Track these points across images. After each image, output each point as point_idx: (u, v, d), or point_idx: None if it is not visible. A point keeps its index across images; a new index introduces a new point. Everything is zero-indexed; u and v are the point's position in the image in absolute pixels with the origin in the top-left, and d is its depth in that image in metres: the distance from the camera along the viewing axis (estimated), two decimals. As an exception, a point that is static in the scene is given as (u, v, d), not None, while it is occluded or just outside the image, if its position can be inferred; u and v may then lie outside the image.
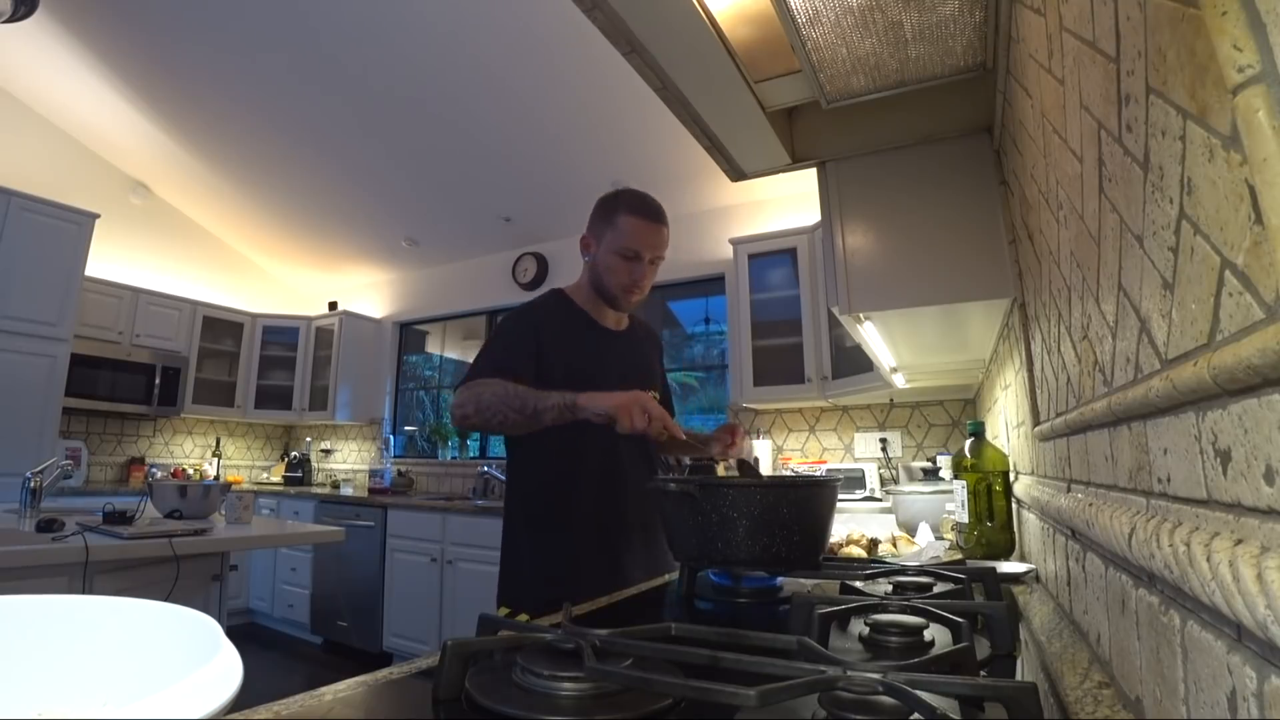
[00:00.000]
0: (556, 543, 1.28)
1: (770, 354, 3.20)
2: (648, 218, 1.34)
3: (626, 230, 1.32)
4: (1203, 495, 0.36)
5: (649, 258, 1.34)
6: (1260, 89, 0.26)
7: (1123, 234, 0.48)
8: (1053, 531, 0.89)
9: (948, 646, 0.62)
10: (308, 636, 4.19)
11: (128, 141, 4.31)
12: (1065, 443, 0.79)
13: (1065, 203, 0.69)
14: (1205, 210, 0.33)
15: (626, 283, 1.35)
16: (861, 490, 3.04)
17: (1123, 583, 0.53)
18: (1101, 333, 0.58)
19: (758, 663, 0.53)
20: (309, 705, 0.55)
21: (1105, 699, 0.55)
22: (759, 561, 0.94)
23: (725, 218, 3.82)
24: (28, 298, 3.64)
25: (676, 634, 0.64)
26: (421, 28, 2.92)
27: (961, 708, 0.50)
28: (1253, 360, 0.27)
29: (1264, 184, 0.26)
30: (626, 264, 1.33)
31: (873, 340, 1.73)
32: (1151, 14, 0.38)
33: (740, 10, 1.05)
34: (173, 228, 4.97)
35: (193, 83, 3.60)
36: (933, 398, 3.06)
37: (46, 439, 3.65)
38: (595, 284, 1.39)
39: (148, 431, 4.77)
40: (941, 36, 1.09)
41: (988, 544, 1.32)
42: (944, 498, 1.76)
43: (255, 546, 3.57)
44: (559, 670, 0.54)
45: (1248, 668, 0.30)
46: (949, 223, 1.30)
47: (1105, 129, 0.51)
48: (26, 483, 2.17)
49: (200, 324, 4.75)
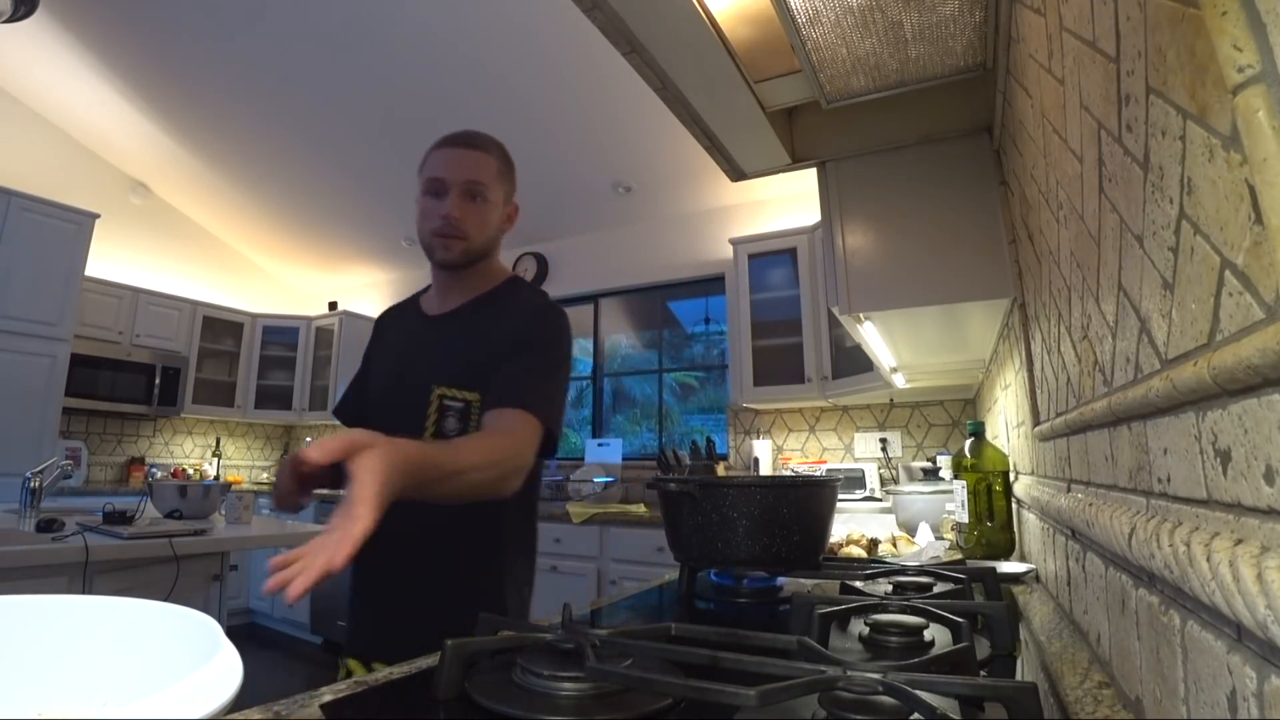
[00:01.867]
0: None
1: (770, 354, 3.20)
2: (454, 144, 1.09)
3: (430, 163, 1.08)
4: (1203, 495, 0.36)
5: (459, 187, 1.05)
6: (1260, 89, 0.26)
7: (1123, 234, 0.48)
8: (1053, 531, 0.89)
9: (948, 646, 0.62)
10: (308, 636, 4.19)
11: (128, 141, 4.31)
12: (1065, 443, 0.79)
13: (1065, 203, 0.69)
14: (1205, 210, 0.33)
15: (436, 225, 1.06)
16: (861, 490, 3.04)
17: (1123, 583, 0.53)
18: (1101, 333, 0.58)
19: (758, 663, 0.53)
20: (309, 705, 0.55)
21: (1105, 699, 0.55)
22: (759, 561, 0.94)
23: (725, 218, 3.82)
24: (28, 298, 3.64)
25: (676, 634, 0.64)
26: (421, 28, 2.92)
27: (961, 708, 0.50)
28: (1253, 360, 0.27)
29: (1264, 184, 0.26)
30: (434, 202, 1.07)
31: (873, 340, 1.73)
32: (1151, 14, 0.38)
33: (740, 10, 1.05)
34: (173, 227, 4.97)
35: (193, 82, 3.60)
36: (933, 398, 3.06)
37: (46, 439, 3.65)
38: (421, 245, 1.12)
39: (148, 431, 4.77)
40: (941, 36, 1.09)
41: (988, 544, 1.32)
42: (944, 498, 1.76)
43: (255, 546, 3.55)
44: (559, 670, 0.54)
45: (1248, 668, 0.30)
46: (949, 223, 1.30)
47: (1105, 129, 0.50)
48: (26, 483, 2.17)
49: (200, 324, 4.75)
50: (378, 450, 0.64)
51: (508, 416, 0.93)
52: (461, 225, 1.05)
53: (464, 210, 1.05)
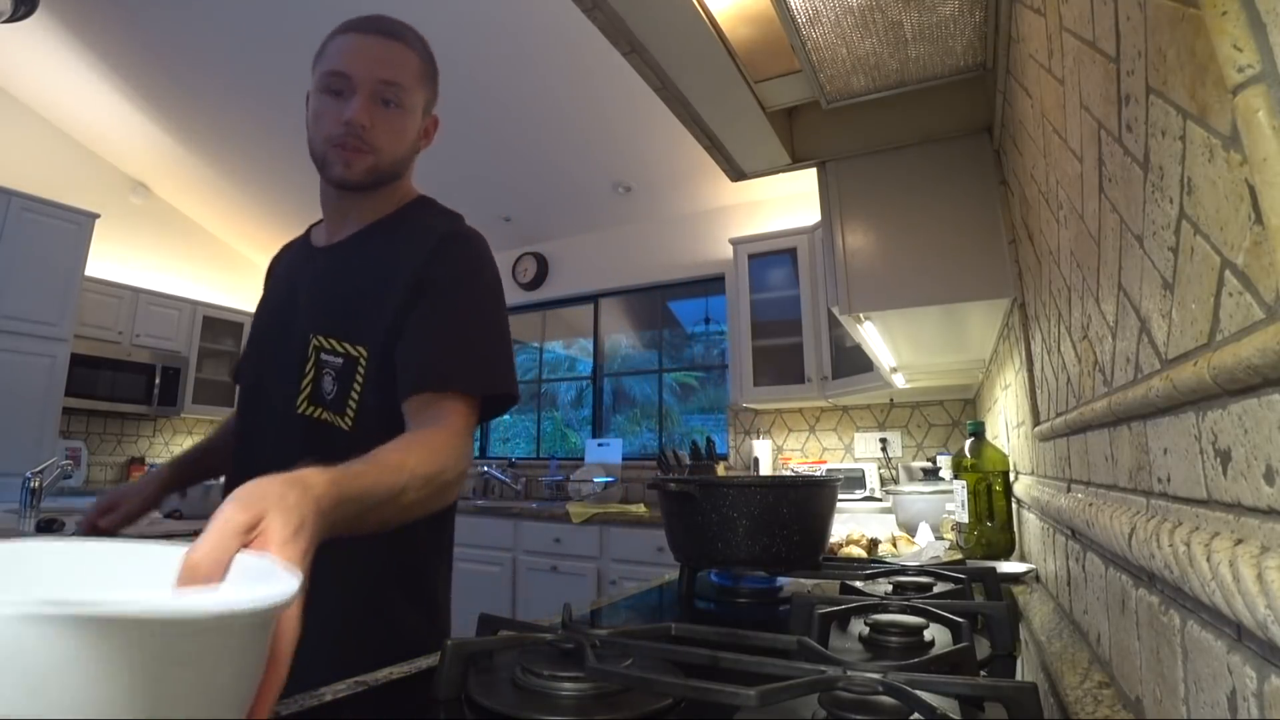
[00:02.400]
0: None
1: (770, 354, 3.20)
2: (365, 30, 0.86)
3: (330, 52, 0.85)
4: (1203, 495, 0.36)
5: (369, 87, 0.83)
6: (1260, 89, 0.26)
7: (1123, 234, 0.48)
8: (1053, 531, 0.89)
9: (948, 646, 0.62)
10: (308, 636, 4.19)
11: (128, 141, 4.31)
12: (1065, 443, 0.79)
13: (1065, 203, 0.69)
14: (1205, 210, 0.33)
15: (335, 132, 0.83)
16: (861, 490, 3.04)
17: (1123, 583, 0.53)
18: (1101, 333, 0.58)
19: (758, 663, 0.53)
20: (309, 705, 0.55)
21: (1105, 699, 0.55)
22: (759, 561, 0.94)
23: (725, 218, 3.82)
24: (28, 298, 3.64)
25: (676, 634, 0.64)
26: (420, 27, 2.92)
27: (961, 708, 0.50)
28: (1253, 360, 0.27)
29: (1264, 184, 0.26)
30: (334, 102, 0.83)
31: (873, 340, 1.73)
32: (1151, 14, 0.38)
33: (740, 10, 1.05)
34: (172, 227, 4.97)
35: (193, 82, 3.60)
36: (933, 398, 3.06)
37: (46, 439, 3.65)
38: (312, 157, 0.89)
39: (147, 431, 4.77)
40: (941, 36, 1.09)
41: (988, 544, 1.32)
42: (944, 498, 1.76)
43: (255, 546, 3.57)
44: (559, 670, 0.54)
45: (1248, 668, 0.30)
46: (949, 223, 1.30)
47: (1105, 129, 0.50)
48: (26, 483, 2.17)
49: (200, 324, 4.75)
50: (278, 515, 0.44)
51: (434, 407, 0.75)
52: (370, 135, 0.83)
53: (374, 117, 0.83)
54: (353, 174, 0.84)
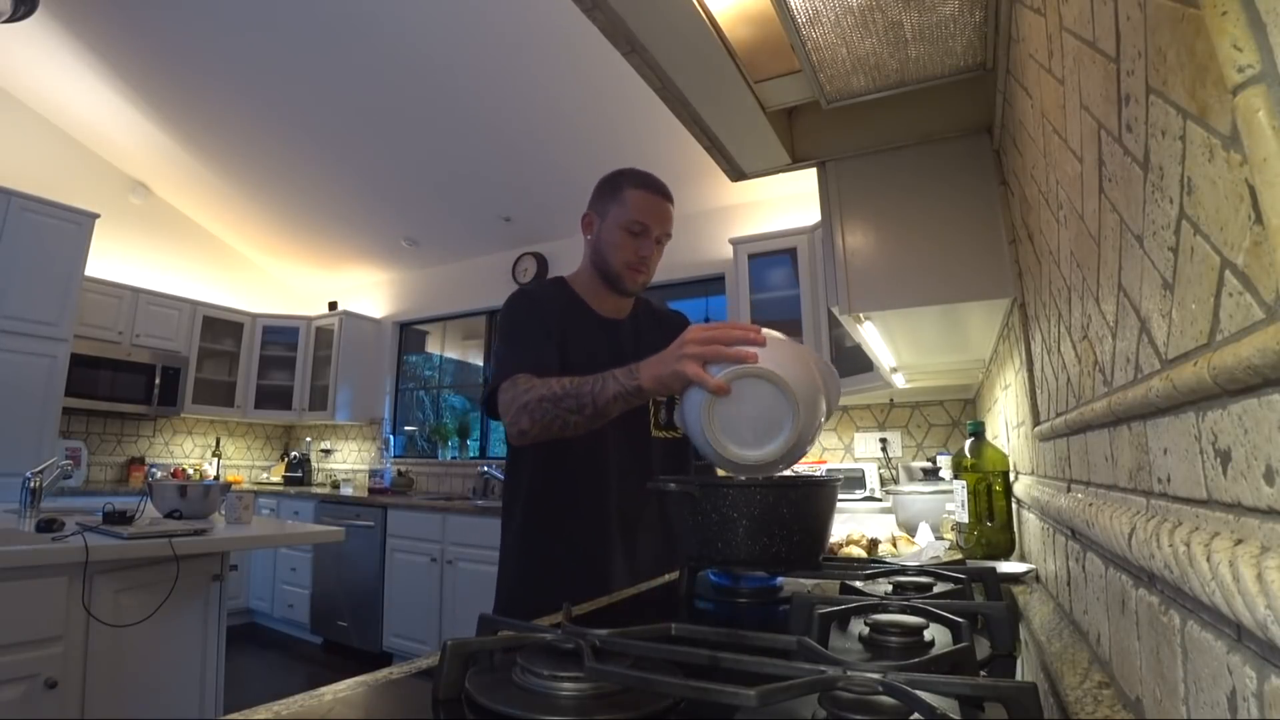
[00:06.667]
0: (538, 547, 1.25)
1: (770, 354, 3.20)
2: (656, 192, 1.28)
3: (633, 203, 1.26)
4: (1203, 495, 0.36)
5: (656, 234, 1.28)
6: (1260, 89, 0.26)
7: (1123, 234, 0.48)
8: (1053, 531, 0.89)
9: (948, 646, 0.62)
10: (308, 636, 4.19)
11: (128, 141, 4.31)
12: (1065, 443, 0.79)
13: (1065, 203, 0.69)
14: (1205, 210, 0.33)
15: (633, 259, 1.27)
16: (861, 490, 3.04)
17: (1123, 583, 0.53)
18: (1101, 333, 0.58)
19: (758, 663, 0.52)
20: (309, 705, 0.55)
21: (1105, 699, 0.55)
22: (759, 561, 0.94)
23: (725, 218, 3.82)
24: (28, 298, 3.64)
25: (676, 634, 0.64)
26: (421, 28, 2.92)
27: (961, 708, 0.50)
28: (1253, 360, 0.27)
29: (1264, 184, 0.26)
30: (633, 240, 1.26)
31: (873, 340, 1.73)
32: (1151, 14, 0.38)
33: (740, 10, 1.05)
34: (172, 227, 4.97)
35: (193, 82, 3.60)
36: (933, 398, 3.06)
37: (46, 439, 3.65)
38: (598, 265, 1.31)
39: (148, 431, 4.77)
40: (941, 36, 1.09)
41: (988, 544, 1.32)
42: (944, 498, 1.76)
43: (255, 546, 3.58)
44: (559, 670, 0.53)
45: (1248, 668, 0.30)
46: (949, 223, 1.30)
47: (1105, 129, 0.50)
48: (26, 483, 2.17)
49: (200, 324, 4.76)
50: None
51: None
52: (650, 266, 1.30)
53: (655, 255, 1.30)
54: (634, 288, 1.32)
